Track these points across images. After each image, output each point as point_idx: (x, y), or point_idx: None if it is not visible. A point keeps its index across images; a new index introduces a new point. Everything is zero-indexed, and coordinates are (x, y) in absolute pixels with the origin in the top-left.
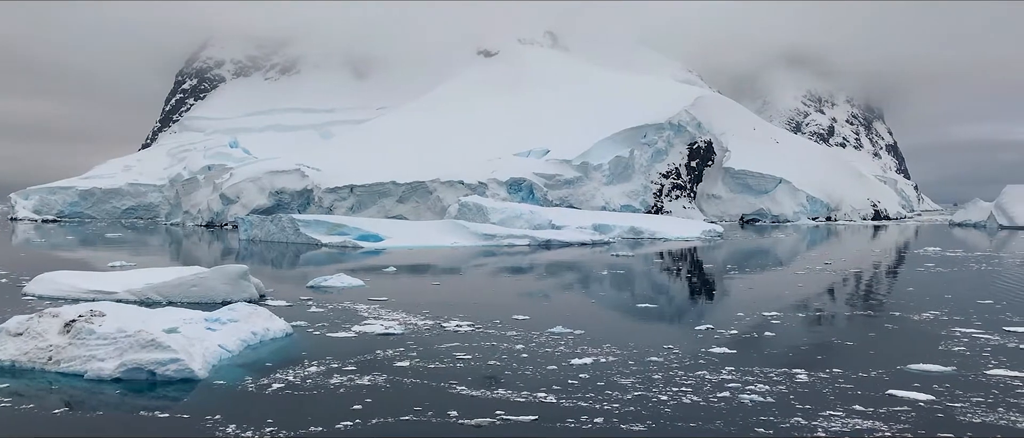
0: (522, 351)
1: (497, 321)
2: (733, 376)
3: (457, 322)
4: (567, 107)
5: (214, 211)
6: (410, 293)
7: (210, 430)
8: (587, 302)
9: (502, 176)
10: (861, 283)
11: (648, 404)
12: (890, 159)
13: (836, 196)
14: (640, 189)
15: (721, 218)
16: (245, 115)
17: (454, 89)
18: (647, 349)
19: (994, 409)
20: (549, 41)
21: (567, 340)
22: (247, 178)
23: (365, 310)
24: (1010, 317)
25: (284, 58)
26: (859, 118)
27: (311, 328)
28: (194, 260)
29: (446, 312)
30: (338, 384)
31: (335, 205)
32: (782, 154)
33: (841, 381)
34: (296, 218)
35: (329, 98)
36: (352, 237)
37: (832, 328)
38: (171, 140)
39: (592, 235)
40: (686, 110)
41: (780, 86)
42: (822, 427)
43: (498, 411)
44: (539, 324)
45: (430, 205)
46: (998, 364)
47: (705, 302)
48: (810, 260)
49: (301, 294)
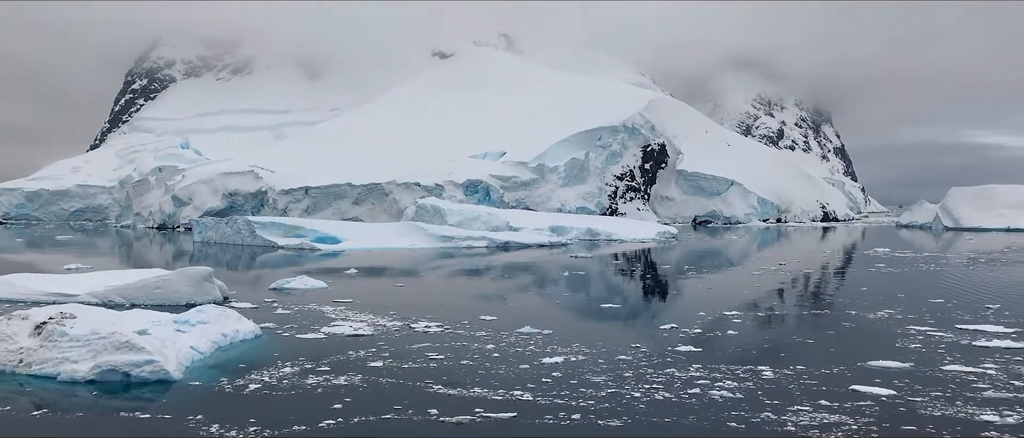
0: (493, 351)
1: (465, 322)
2: (701, 373)
3: (425, 323)
4: (523, 109)
5: (166, 213)
6: (374, 295)
7: (193, 430)
8: (552, 303)
9: (459, 178)
10: (816, 283)
11: (622, 401)
12: (838, 161)
13: (786, 198)
14: (595, 191)
15: (674, 220)
16: (196, 116)
17: (409, 90)
18: (615, 348)
19: (952, 403)
20: (504, 43)
21: (536, 340)
22: (200, 180)
23: (331, 312)
24: (961, 315)
25: (236, 58)
26: (808, 121)
27: (280, 330)
28: (148, 263)
29: (413, 313)
30: (315, 384)
31: (290, 207)
32: (733, 157)
33: (805, 378)
34: (252, 220)
35: (282, 99)
36: (309, 239)
37: (792, 327)
38: (120, 141)
39: (550, 237)
40: (640, 113)
41: (730, 89)
42: (792, 422)
43: (477, 409)
44: (507, 324)
45: (386, 207)
46: (953, 360)
47: (667, 302)
48: (764, 261)
49: (265, 296)
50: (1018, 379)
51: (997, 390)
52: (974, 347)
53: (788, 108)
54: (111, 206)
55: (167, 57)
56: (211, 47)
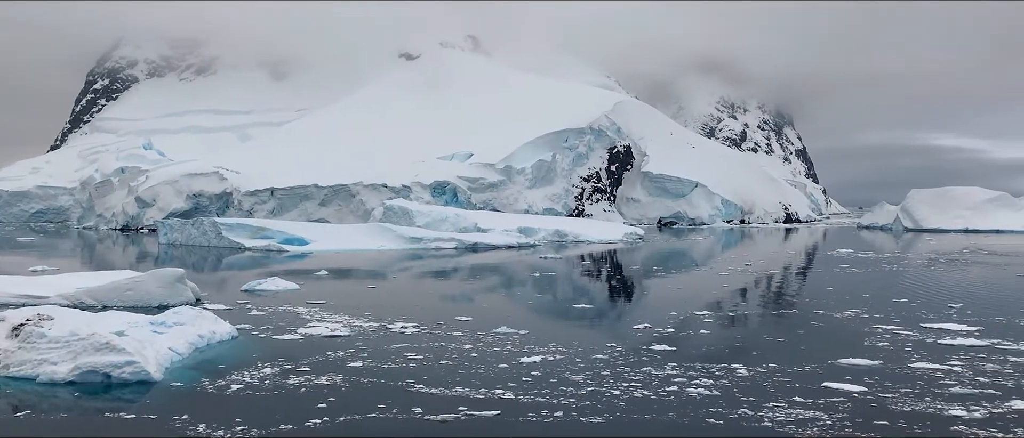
0: (471, 351)
1: (441, 322)
2: (677, 371)
3: (401, 324)
4: (490, 111)
5: (129, 214)
6: (347, 296)
7: (181, 430)
8: (525, 303)
9: (426, 179)
10: (783, 283)
11: (602, 399)
12: (799, 164)
13: (749, 199)
14: (562, 192)
15: (640, 221)
16: (159, 116)
17: (376, 91)
18: (591, 347)
19: (921, 399)
20: (470, 45)
21: (513, 340)
22: (164, 181)
23: (306, 313)
24: (925, 314)
25: (200, 58)
26: (770, 124)
27: (256, 331)
28: (113, 265)
29: (388, 314)
30: (297, 384)
31: (255, 208)
32: (698, 158)
33: (778, 375)
34: (218, 222)
35: (246, 99)
36: (276, 241)
37: (762, 326)
38: (82, 142)
39: (518, 238)
40: (606, 115)
41: (694, 92)
42: (768, 418)
43: (460, 407)
44: (483, 325)
45: (353, 208)
46: (920, 358)
47: (638, 302)
48: (731, 262)
49: (237, 298)
50: (983, 376)
51: (963, 386)
52: (939, 345)
53: (751, 111)
54: (72, 207)
55: (130, 57)
56: (174, 47)
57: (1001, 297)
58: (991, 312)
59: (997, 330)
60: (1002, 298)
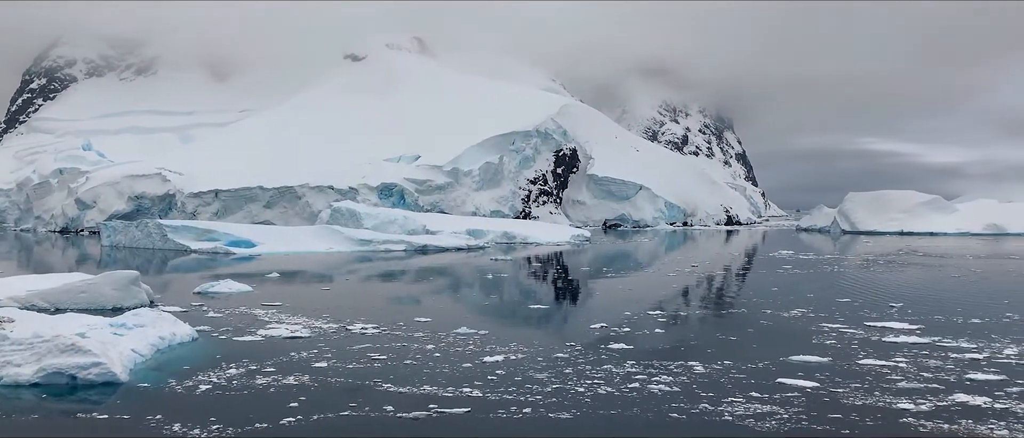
0: (434, 351)
1: (401, 323)
2: (637, 369)
3: (361, 325)
4: (436, 113)
5: (69, 216)
6: (302, 298)
7: (156, 430)
8: (482, 304)
9: (373, 181)
10: (730, 284)
11: (568, 395)
12: (739, 167)
13: (692, 202)
14: (509, 195)
15: (585, 223)
16: (99, 117)
17: (321, 93)
18: (551, 346)
19: (871, 394)
20: (417, 46)
21: (474, 340)
22: (104, 182)
23: (264, 315)
24: (868, 313)
25: (140, 58)
26: (711, 128)
27: (216, 333)
28: (52, 267)
29: (346, 316)
30: (266, 385)
31: (199, 210)
32: (642, 162)
33: (734, 372)
34: (163, 224)
35: (188, 100)
36: (223, 243)
37: (714, 325)
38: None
39: (467, 240)
40: (552, 118)
41: (638, 96)
42: (728, 412)
43: (430, 405)
44: (443, 326)
45: (299, 210)
46: (867, 355)
47: (592, 303)
48: (678, 263)
49: (192, 300)
50: (928, 372)
51: (909, 381)
52: (884, 343)
53: (692, 115)
54: (8, 209)
55: (68, 56)
56: (114, 46)
57: (938, 297)
58: (930, 311)
59: (937, 328)
60: (939, 298)
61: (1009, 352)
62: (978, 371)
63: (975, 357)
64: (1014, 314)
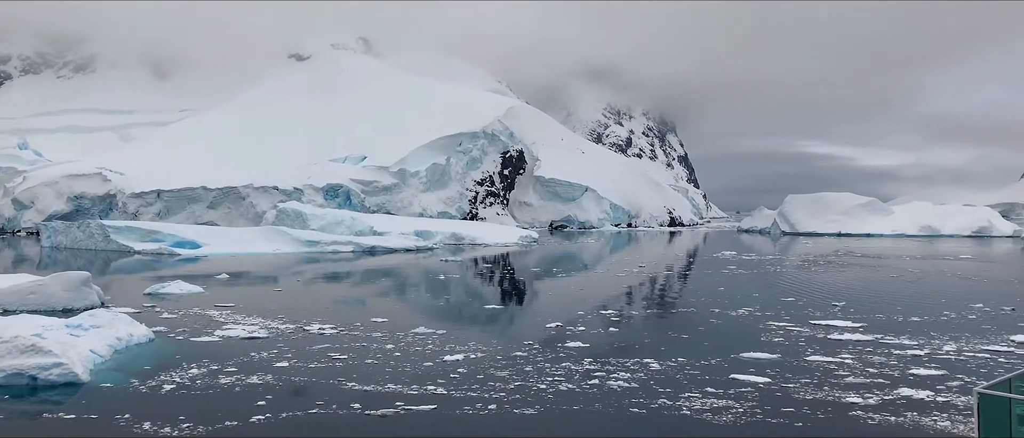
0: (394, 350)
1: (358, 324)
2: (595, 366)
3: (318, 326)
4: (383, 114)
5: (5, 217)
6: (255, 299)
7: (127, 430)
8: (437, 305)
9: (318, 182)
10: (677, 283)
11: (531, 392)
12: (682, 169)
13: (636, 204)
14: (456, 196)
15: (532, 224)
16: (35, 115)
17: (265, 92)
18: (510, 345)
19: (820, 388)
20: (362, 46)
21: (433, 339)
22: (42, 182)
23: (218, 316)
24: (812, 312)
25: (78, 55)
26: (654, 130)
27: (172, 333)
28: None
29: (302, 316)
30: (230, 384)
31: (141, 211)
32: (587, 164)
33: (689, 368)
34: (106, 224)
35: (128, 99)
36: (167, 244)
37: (666, 323)
38: None
39: (416, 241)
40: (499, 120)
41: (583, 98)
42: (686, 406)
43: (397, 402)
44: (400, 326)
45: (243, 211)
46: (814, 351)
47: (546, 302)
48: (626, 263)
49: (143, 301)
50: (872, 367)
51: (855, 376)
52: (830, 340)
53: (636, 117)
54: None
55: (2, 53)
56: (51, 43)
57: (878, 296)
58: (871, 310)
59: (879, 326)
60: (879, 297)
61: (948, 349)
62: (920, 367)
63: (917, 353)
64: (951, 312)
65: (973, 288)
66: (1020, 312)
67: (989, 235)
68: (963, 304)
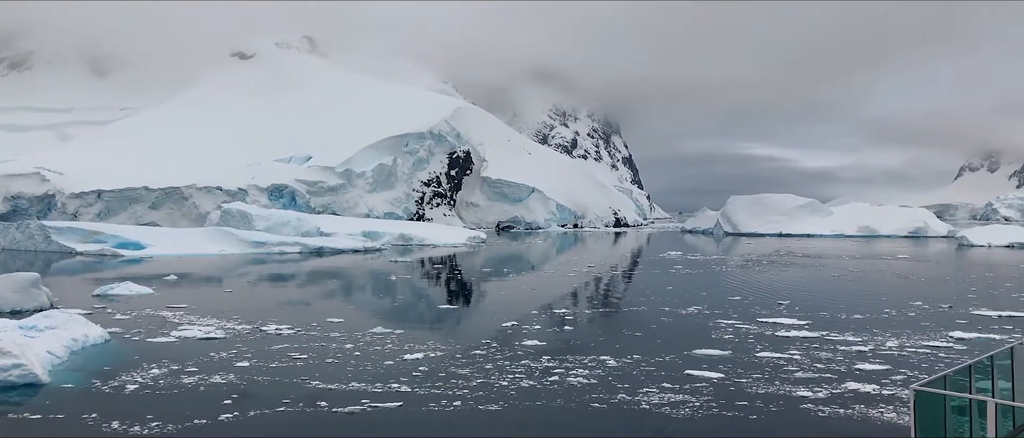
0: (354, 350)
1: (315, 324)
2: (553, 363)
3: (275, 326)
4: (328, 113)
5: None
6: (207, 300)
7: (96, 429)
8: (392, 305)
9: (263, 182)
10: (628, 283)
11: (494, 389)
12: (626, 170)
13: (582, 204)
14: (403, 197)
15: (478, 225)
16: None
17: (208, 91)
18: (468, 344)
19: (771, 383)
20: (307, 45)
21: (391, 339)
22: None
23: (172, 317)
24: (759, 310)
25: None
26: (599, 132)
27: (128, 334)
28: None
29: (257, 317)
30: (194, 384)
31: (81, 211)
32: (534, 165)
33: (644, 365)
34: (47, 225)
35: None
36: (110, 245)
37: (619, 321)
38: None
39: (364, 242)
40: (446, 121)
41: (529, 100)
42: (645, 401)
43: (363, 400)
44: (357, 326)
45: (186, 212)
46: (763, 348)
47: (500, 302)
48: (575, 264)
49: (93, 302)
50: (820, 363)
51: (804, 372)
52: (778, 337)
53: (581, 119)
54: None
55: None
56: None
57: (822, 295)
58: (816, 308)
59: (824, 323)
60: (823, 296)
61: (891, 344)
62: (865, 362)
63: (861, 349)
64: (891, 310)
65: (911, 287)
66: (957, 310)
67: (925, 235)
68: (903, 302)
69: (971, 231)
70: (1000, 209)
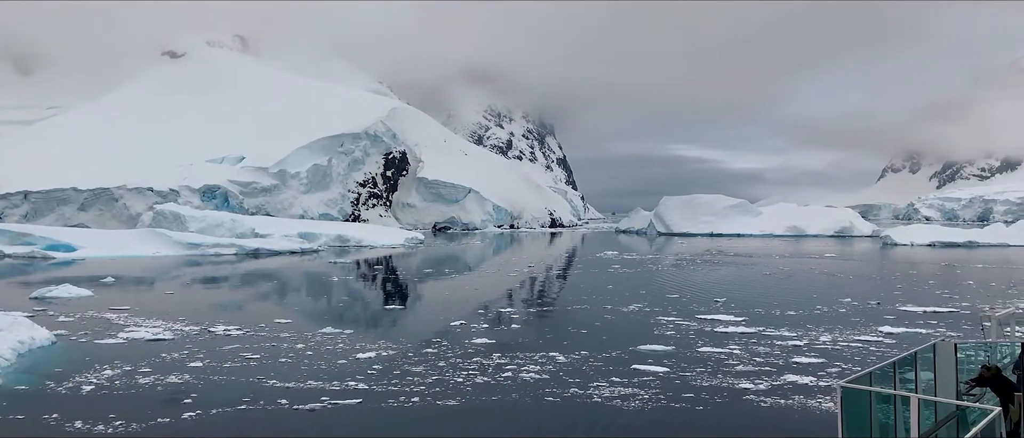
0: (305, 349)
1: (263, 325)
2: (505, 360)
3: (223, 327)
4: (261, 113)
5: None
6: (149, 302)
7: (58, 429)
8: (337, 305)
9: (195, 183)
10: (568, 282)
11: (450, 384)
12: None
13: (518, 205)
14: (338, 197)
15: (415, 226)
16: None
17: (137, 90)
18: (419, 343)
19: (714, 376)
20: (239, 45)
21: (342, 338)
22: None
23: (117, 319)
24: (697, 307)
25: None
26: (534, 133)
27: (74, 336)
28: None
29: (204, 318)
30: (151, 384)
31: (6, 212)
32: (470, 166)
33: (593, 360)
34: None
35: None
36: (40, 247)
37: (563, 319)
38: None
39: (300, 243)
40: (382, 121)
41: (464, 101)
42: (596, 394)
43: (323, 397)
44: (306, 326)
45: (116, 213)
46: (704, 343)
47: (445, 301)
48: (514, 264)
49: (32, 305)
50: (759, 357)
51: (744, 365)
52: (717, 332)
53: (516, 120)
54: None
55: None
56: None
57: (756, 292)
58: (751, 305)
59: (760, 320)
60: (756, 293)
61: (825, 339)
62: (801, 355)
63: (796, 344)
64: (823, 307)
65: (840, 284)
66: (885, 306)
67: (850, 235)
68: (833, 299)
69: (894, 230)
70: (921, 209)
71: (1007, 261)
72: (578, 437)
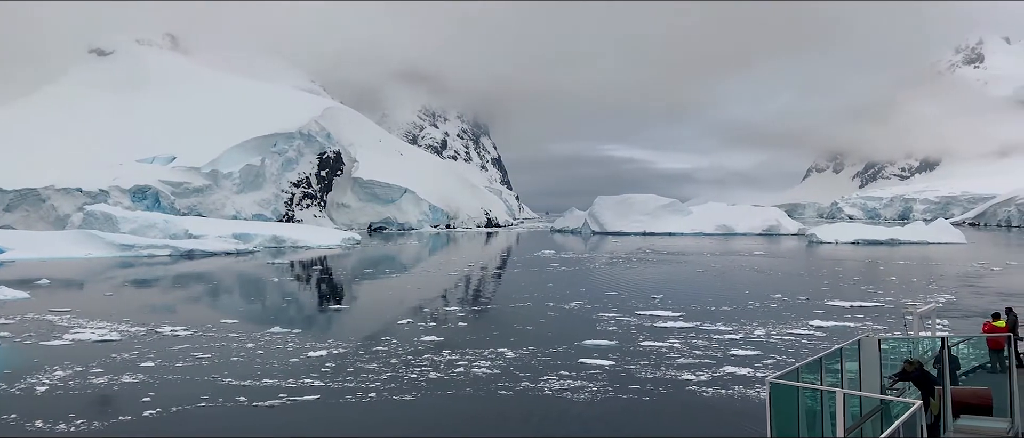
0: (256, 349)
1: (210, 325)
2: (455, 357)
3: (170, 327)
4: (192, 112)
5: None
6: (90, 304)
7: (19, 428)
8: (281, 305)
9: (125, 183)
10: (509, 281)
11: (404, 380)
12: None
13: (454, 205)
14: (272, 198)
15: (350, 226)
16: None
17: (63, 89)
18: (368, 341)
19: (658, 368)
20: (169, 43)
21: (291, 337)
22: None
23: (59, 320)
24: (636, 303)
25: None
26: (469, 133)
27: (17, 338)
28: None
29: (149, 319)
30: (106, 383)
31: None
32: (406, 165)
33: (541, 356)
34: None
35: None
36: None
37: (508, 316)
38: None
39: (235, 244)
40: (316, 120)
41: (398, 100)
42: (547, 387)
43: (280, 394)
44: (253, 326)
45: (43, 214)
46: (646, 338)
47: (388, 300)
48: (453, 263)
49: None
50: (698, 350)
51: (686, 358)
52: (657, 327)
53: (451, 120)
54: None
55: None
56: None
57: (690, 289)
58: (687, 301)
59: (697, 315)
60: (691, 290)
61: (759, 332)
62: (738, 348)
63: (733, 337)
64: (755, 302)
65: (770, 281)
66: (814, 301)
67: (777, 233)
68: (764, 295)
69: (820, 229)
70: (845, 208)
71: (927, 258)
72: (534, 437)
